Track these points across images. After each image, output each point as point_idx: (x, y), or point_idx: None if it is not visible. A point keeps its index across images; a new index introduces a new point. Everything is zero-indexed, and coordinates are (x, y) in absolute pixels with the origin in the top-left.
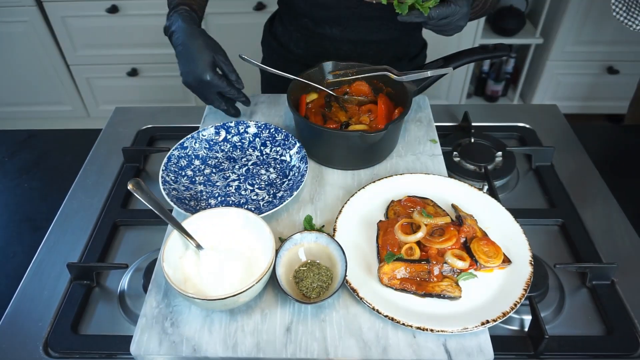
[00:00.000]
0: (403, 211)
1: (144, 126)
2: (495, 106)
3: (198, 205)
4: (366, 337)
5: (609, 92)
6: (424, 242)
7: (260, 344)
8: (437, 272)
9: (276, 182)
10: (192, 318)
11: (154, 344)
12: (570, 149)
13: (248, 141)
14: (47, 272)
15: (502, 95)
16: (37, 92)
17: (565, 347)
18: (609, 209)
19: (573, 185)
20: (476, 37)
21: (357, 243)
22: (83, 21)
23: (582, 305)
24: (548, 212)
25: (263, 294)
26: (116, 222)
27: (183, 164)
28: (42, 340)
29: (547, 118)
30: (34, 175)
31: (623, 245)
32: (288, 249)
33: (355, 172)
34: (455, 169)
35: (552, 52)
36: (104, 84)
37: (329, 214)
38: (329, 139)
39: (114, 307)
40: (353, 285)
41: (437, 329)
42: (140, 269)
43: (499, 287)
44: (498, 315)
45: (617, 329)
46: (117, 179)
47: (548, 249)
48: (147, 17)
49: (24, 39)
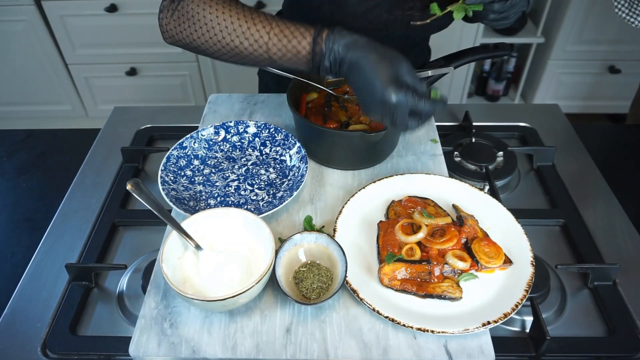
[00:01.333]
0: (404, 211)
1: (143, 126)
2: (496, 106)
3: (197, 206)
4: (366, 338)
5: (610, 92)
6: (425, 242)
7: (259, 345)
8: (437, 273)
9: (276, 182)
10: (192, 319)
11: (153, 345)
12: (572, 149)
13: (248, 141)
14: (45, 272)
15: (503, 94)
16: (35, 92)
17: (566, 348)
18: (611, 209)
19: (574, 185)
20: (477, 36)
21: (357, 243)
22: (82, 20)
23: (583, 306)
24: (549, 212)
25: (263, 295)
26: (115, 223)
27: (182, 164)
28: (41, 341)
29: (549, 118)
30: (32, 175)
31: (625, 246)
32: (288, 249)
33: (356, 172)
34: (456, 169)
35: (554, 52)
36: (102, 84)
37: (329, 215)
38: (329, 138)
39: (113, 308)
40: (353, 286)
41: (438, 330)
42: (139, 269)
43: (500, 288)
44: (499, 317)
45: (619, 330)
46: (116, 179)
47: (549, 249)
48: (146, 16)
49: (22, 38)
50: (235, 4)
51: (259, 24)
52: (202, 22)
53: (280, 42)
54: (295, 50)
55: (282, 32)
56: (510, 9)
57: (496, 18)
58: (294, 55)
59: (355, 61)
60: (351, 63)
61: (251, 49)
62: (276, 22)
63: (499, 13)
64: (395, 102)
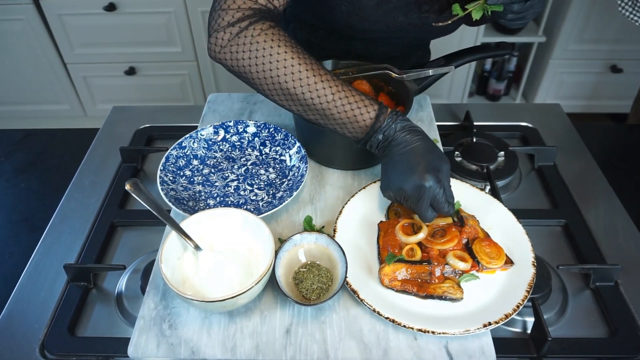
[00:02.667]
0: (404, 212)
1: (142, 126)
2: (497, 105)
3: (197, 206)
4: (367, 339)
5: (612, 91)
6: (426, 243)
7: (259, 346)
8: (438, 274)
9: (276, 182)
10: (191, 320)
11: (152, 346)
12: (573, 149)
13: (247, 141)
14: (43, 273)
15: (504, 94)
16: (33, 91)
17: (568, 349)
18: (613, 210)
19: (576, 185)
20: (478, 35)
21: (357, 244)
22: (80, 19)
23: (585, 307)
24: (551, 212)
25: (262, 296)
26: (114, 223)
27: (181, 163)
28: (39, 342)
29: (550, 117)
30: (30, 175)
31: (627, 246)
32: (288, 250)
33: (356, 172)
34: (457, 169)
35: (555, 51)
36: (101, 83)
37: (329, 215)
38: (329, 138)
39: (112, 308)
40: (353, 287)
41: (439, 331)
42: (138, 270)
43: (501, 288)
44: (500, 317)
45: (620, 331)
46: (115, 179)
47: (551, 250)
48: (145, 15)
49: (21, 37)
50: (305, 54)
51: (325, 82)
52: (267, 58)
53: (343, 106)
54: (355, 118)
55: (347, 97)
56: (529, 9)
57: (514, 18)
58: (352, 122)
59: (407, 141)
60: (402, 141)
61: (311, 102)
62: (342, 86)
63: (517, 13)
64: (427, 187)
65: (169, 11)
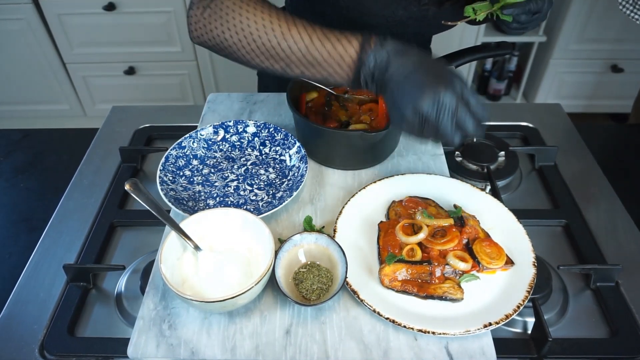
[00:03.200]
0: (404, 212)
1: (142, 125)
2: (497, 105)
3: (196, 206)
4: (367, 340)
5: (613, 91)
6: (426, 243)
7: (259, 346)
8: (438, 274)
9: (275, 182)
10: (190, 320)
11: (152, 346)
12: (574, 149)
13: (247, 141)
14: (43, 273)
15: (505, 94)
16: (33, 91)
17: (568, 349)
18: (614, 210)
19: (577, 185)
20: (478, 34)
21: (357, 244)
22: (79, 19)
23: (586, 307)
24: (551, 212)
25: (262, 296)
26: (113, 223)
27: (181, 163)
28: (38, 343)
29: (551, 117)
30: (29, 175)
31: (628, 247)
32: (287, 250)
33: (356, 172)
34: (458, 169)
35: (556, 50)
36: (100, 83)
37: (329, 215)
38: (329, 138)
39: (111, 309)
40: (353, 287)
41: (439, 332)
42: (137, 270)
43: (501, 289)
44: (501, 318)
45: (621, 331)
46: (114, 179)
47: (551, 250)
48: (145, 15)
49: (20, 37)
50: (275, 8)
51: (300, 27)
52: (237, 19)
53: (324, 46)
54: (339, 55)
55: (325, 36)
56: (534, 21)
57: (517, 27)
58: (338, 60)
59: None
60: (398, 67)
61: (289, 51)
62: (319, 27)
63: (522, 24)
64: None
65: (169, 11)
